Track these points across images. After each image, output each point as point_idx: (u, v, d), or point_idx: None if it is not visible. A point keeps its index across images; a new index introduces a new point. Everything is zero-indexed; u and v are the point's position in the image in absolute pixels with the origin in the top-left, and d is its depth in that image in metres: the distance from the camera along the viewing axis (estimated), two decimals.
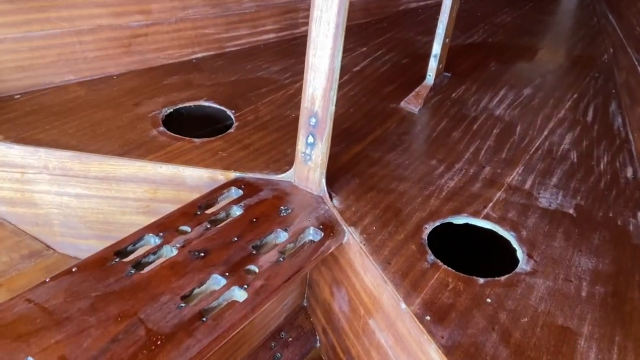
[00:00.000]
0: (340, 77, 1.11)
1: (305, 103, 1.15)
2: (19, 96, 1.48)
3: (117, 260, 0.97)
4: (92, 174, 1.29)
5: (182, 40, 1.81)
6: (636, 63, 1.98)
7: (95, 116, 1.44)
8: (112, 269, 0.95)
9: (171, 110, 1.53)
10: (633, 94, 1.83)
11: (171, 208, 1.16)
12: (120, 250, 1.00)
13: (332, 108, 1.12)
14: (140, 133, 1.39)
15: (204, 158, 1.32)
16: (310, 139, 1.18)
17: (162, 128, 1.43)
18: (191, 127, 1.52)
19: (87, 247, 1.38)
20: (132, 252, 1.01)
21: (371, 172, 1.35)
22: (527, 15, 2.74)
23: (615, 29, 2.45)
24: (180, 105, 1.55)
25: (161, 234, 1.05)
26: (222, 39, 1.91)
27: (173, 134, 1.40)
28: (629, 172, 1.46)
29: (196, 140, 1.39)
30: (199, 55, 1.86)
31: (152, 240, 1.04)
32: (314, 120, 1.16)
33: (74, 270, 0.93)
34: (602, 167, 1.48)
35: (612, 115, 1.79)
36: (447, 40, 1.74)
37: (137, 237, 1.04)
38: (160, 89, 1.62)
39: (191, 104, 1.57)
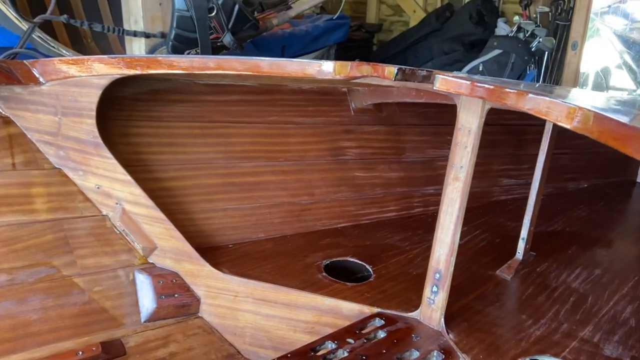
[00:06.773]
0: None
1: (432, 263, 1.73)
2: (231, 245, 2.20)
3: (312, 354, 1.53)
4: (280, 301, 1.90)
5: (331, 213, 2.53)
6: None
7: (280, 262, 2.10)
8: (312, 358, 1.50)
9: (328, 262, 2.17)
10: None
11: (329, 330, 1.72)
12: (313, 348, 1.56)
13: (452, 269, 1.70)
14: (311, 276, 2.02)
15: (355, 297, 1.90)
16: (435, 289, 1.74)
17: (324, 273, 2.05)
18: (341, 275, 2.13)
19: (266, 355, 1.93)
20: (319, 350, 1.57)
21: (475, 320, 1.84)
22: (600, 211, 3.26)
23: None
24: (334, 259, 2.19)
25: (335, 342, 1.60)
26: (359, 215, 2.61)
27: (332, 279, 2.02)
28: None
29: (348, 284, 1.98)
30: (342, 225, 2.55)
31: (330, 345, 1.60)
32: (438, 275, 1.72)
33: (288, 355, 1.50)
34: None
35: None
36: (531, 227, 2.31)
37: (321, 342, 1.60)
38: (320, 247, 2.29)
39: (341, 258, 2.21)
